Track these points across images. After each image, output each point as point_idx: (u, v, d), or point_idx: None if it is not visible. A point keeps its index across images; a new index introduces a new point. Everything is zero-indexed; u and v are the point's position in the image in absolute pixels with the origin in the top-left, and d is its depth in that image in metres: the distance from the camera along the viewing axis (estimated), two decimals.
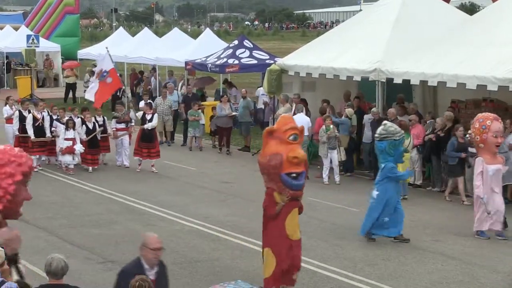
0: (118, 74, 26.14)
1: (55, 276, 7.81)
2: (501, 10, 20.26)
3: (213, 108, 27.13)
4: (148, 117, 22.27)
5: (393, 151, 14.80)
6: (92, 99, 25.47)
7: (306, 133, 20.97)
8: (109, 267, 13.48)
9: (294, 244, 11.49)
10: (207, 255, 14.23)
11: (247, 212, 17.58)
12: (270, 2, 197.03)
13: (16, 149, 9.51)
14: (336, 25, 49.10)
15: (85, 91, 36.34)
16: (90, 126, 21.90)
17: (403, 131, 15.45)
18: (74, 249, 14.54)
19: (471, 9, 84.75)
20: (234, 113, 25.50)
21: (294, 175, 11.27)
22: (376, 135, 15.29)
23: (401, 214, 14.94)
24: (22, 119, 22.11)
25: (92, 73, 38.34)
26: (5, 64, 45.64)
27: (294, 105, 22.62)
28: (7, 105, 23.78)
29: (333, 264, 13.62)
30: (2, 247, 8.41)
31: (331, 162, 20.67)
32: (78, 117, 22.18)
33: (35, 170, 21.65)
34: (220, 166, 23.17)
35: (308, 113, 22.94)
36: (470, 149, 17.62)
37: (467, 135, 18.09)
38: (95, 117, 22.21)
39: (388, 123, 15.34)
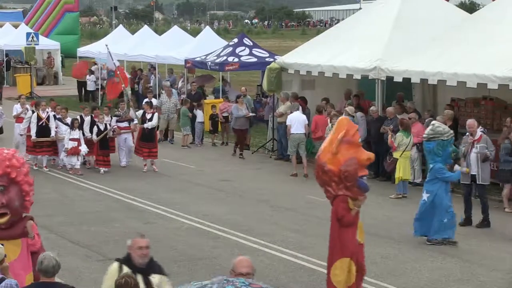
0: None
1: (47, 274, 7.80)
2: (500, 8, 20.25)
3: (212, 106, 27.15)
4: (148, 116, 22.07)
5: (441, 151, 14.54)
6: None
7: (303, 130, 21.12)
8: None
9: (360, 247, 11.05)
10: (206, 253, 14.23)
11: (246, 210, 17.58)
12: (270, 0, 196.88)
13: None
14: (336, 24, 49.11)
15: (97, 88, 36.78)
16: (102, 127, 21.53)
17: (452, 132, 15.04)
18: (74, 246, 14.54)
19: (470, 8, 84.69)
20: (251, 114, 24.90)
21: (364, 177, 10.91)
22: (424, 135, 15.05)
23: (452, 216, 14.76)
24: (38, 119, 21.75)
25: (91, 71, 38.44)
26: (4, 62, 45.61)
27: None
28: (19, 104, 23.60)
29: None
30: (2, 244, 8.35)
31: None
32: (88, 116, 21.70)
33: (35, 168, 21.62)
34: (219, 164, 23.16)
35: (307, 111, 23.00)
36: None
37: (467, 134, 18.11)
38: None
39: (436, 123, 15.00)
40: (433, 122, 15.40)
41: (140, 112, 22.61)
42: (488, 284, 12.63)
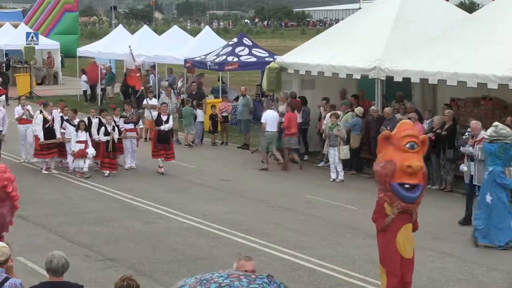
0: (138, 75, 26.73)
1: (56, 273, 7.78)
2: (500, 8, 20.25)
3: (212, 106, 27.15)
4: (164, 118, 21.72)
5: (503, 154, 14.29)
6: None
7: (274, 128, 22.04)
8: (108, 264, 13.48)
9: (405, 262, 10.58)
10: (206, 252, 14.24)
11: (245, 209, 17.59)
12: (269, 0, 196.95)
13: None
14: (336, 23, 49.08)
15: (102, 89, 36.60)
16: (110, 128, 21.02)
17: None
18: (73, 246, 14.54)
19: (470, 7, 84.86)
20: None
21: (407, 186, 10.28)
22: (485, 136, 14.76)
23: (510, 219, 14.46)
24: (44, 121, 21.32)
25: (83, 71, 38.57)
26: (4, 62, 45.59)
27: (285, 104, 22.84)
28: (19, 105, 23.28)
29: (332, 262, 13.62)
30: (8, 244, 8.32)
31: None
32: (96, 117, 21.24)
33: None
34: (219, 164, 23.16)
35: (308, 111, 23.06)
36: (463, 149, 17.62)
37: (466, 134, 18.13)
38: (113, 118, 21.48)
39: (500, 125, 14.66)
40: (496, 123, 14.93)
41: (155, 113, 22.35)
42: (488, 284, 12.63)
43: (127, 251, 14.29)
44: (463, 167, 16.63)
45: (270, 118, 22.22)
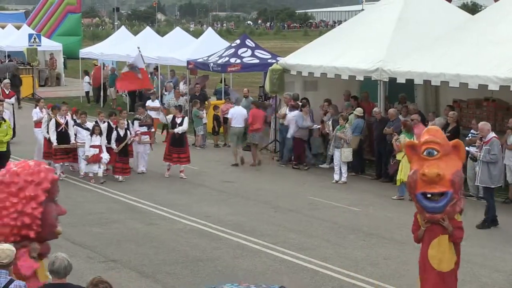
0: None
1: (58, 275, 7.80)
2: (503, 9, 20.26)
3: (215, 107, 27.14)
4: (178, 120, 21.34)
5: None
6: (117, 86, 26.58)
7: (242, 124, 22.89)
8: (111, 266, 13.50)
9: (441, 276, 9.98)
10: (209, 254, 14.25)
11: (248, 211, 17.59)
12: (272, 1, 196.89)
13: (31, 163, 8.97)
14: (338, 25, 49.07)
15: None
16: (122, 133, 20.55)
17: None
18: (76, 248, 14.55)
19: (473, 9, 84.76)
20: (316, 126, 22.72)
21: (428, 195, 9.82)
22: None
23: None
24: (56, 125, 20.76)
25: (86, 72, 38.60)
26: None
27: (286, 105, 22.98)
28: (37, 107, 22.91)
29: (335, 264, 13.61)
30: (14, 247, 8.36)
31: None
32: (104, 122, 20.79)
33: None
34: (221, 165, 23.16)
35: (310, 111, 23.04)
36: (467, 149, 17.61)
37: (469, 135, 18.15)
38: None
39: None
40: None
41: (170, 116, 22.08)
42: (490, 285, 12.63)
43: (129, 253, 14.30)
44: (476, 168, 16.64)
45: (236, 114, 23.05)
